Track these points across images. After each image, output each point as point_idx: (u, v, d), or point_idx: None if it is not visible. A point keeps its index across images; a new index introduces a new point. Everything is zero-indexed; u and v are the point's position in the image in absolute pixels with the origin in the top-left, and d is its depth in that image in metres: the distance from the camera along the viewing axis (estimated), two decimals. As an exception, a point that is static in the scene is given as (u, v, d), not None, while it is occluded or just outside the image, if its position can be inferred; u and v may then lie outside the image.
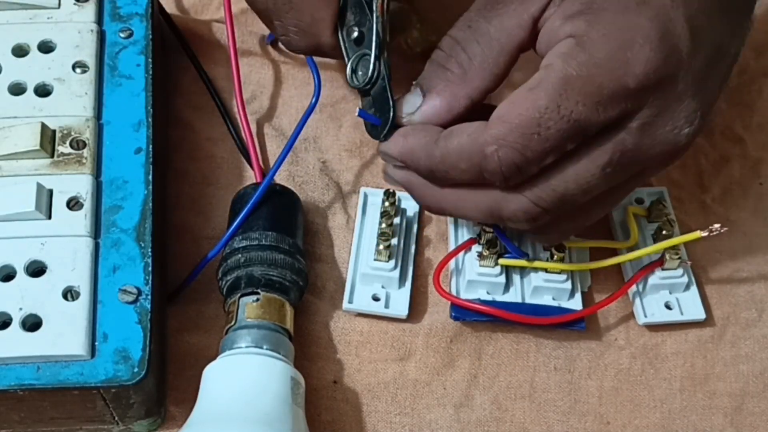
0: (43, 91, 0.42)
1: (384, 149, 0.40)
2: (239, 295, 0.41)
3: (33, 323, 0.36)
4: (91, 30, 0.44)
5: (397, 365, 0.44)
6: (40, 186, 0.39)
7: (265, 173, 0.45)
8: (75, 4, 0.45)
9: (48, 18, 0.44)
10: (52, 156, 0.40)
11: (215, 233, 0.46)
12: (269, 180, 0.43)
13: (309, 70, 0.48)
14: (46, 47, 0.44)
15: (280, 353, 0.39)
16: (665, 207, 0.46)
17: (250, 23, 0.52)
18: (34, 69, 0.43)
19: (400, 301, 0.44)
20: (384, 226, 0.44)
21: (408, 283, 0.45)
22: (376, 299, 0.44)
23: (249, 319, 0.40)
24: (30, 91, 0.42)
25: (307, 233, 0.46)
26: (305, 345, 0.43)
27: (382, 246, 0.44)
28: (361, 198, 0.47)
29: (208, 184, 0.48)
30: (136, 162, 0.41)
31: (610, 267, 0.44)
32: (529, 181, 0.36)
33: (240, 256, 0.41)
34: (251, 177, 0.47)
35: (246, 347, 0.39)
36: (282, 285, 0.41)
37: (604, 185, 0.36)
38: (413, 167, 0.39)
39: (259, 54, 0.52)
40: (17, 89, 0.42)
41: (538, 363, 0.44)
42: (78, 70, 0.43)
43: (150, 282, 0.38)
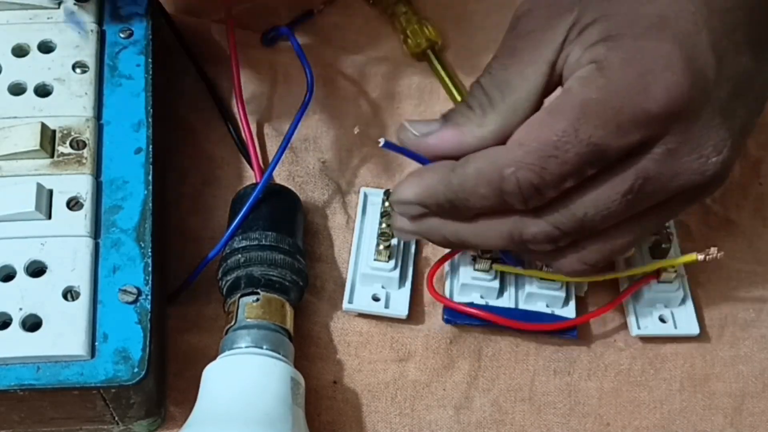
0: (43, 91, 0.42)
1: (398, 197, 0.39)
2: (239, 295, 0.41)
3: (33, 323, 0.36)
4: (91, 30, 0.44)
5: (397, 366, 0.44)
6: (40, 186, 0.39)
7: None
8: (75, 4, 0.45)
9: (48, 18, 0.44)
10: (52, 156, 0.40)
11: (215, 233, 0.46)
12: (268, 177, 0.43)
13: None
14: (46, 47, 0.43)
15: (280, 353, 0.39)
16: None
17: (250, 23, 0.52)
18: (34, 69, 0.43)
19: (400, 302, 0.44)
20: (384, 226, 0.44)
21: (408, 284, 0.45)
22: (376, 299, 0.44)
23: (249, 320, 0.40)
24: (30, 91, 0.42)
25: (307, 233, 0.46)
26: (305, 345, 0.43)
27: (382, 246, 0.44)
28: (361, 198, 0.47)
29: (208, 184, 0.48)
30: (136, 162, 0.41)
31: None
32: (549, 205, 0.36)
33: (240, 256, 0.41)
34: (251, 177, 0.47)
35: (246, 347, 0.39)
36: (282, 285, 0.41)
37: (625, 212, 0.36)
38: (432, 204, 0.38)
39: (260, 54, 0.52)
40: (17, 89, 0.42)
41: (537, 365, 0.44)
42: (78, 70, 0.43)
43: (150, 282, 0.38)
